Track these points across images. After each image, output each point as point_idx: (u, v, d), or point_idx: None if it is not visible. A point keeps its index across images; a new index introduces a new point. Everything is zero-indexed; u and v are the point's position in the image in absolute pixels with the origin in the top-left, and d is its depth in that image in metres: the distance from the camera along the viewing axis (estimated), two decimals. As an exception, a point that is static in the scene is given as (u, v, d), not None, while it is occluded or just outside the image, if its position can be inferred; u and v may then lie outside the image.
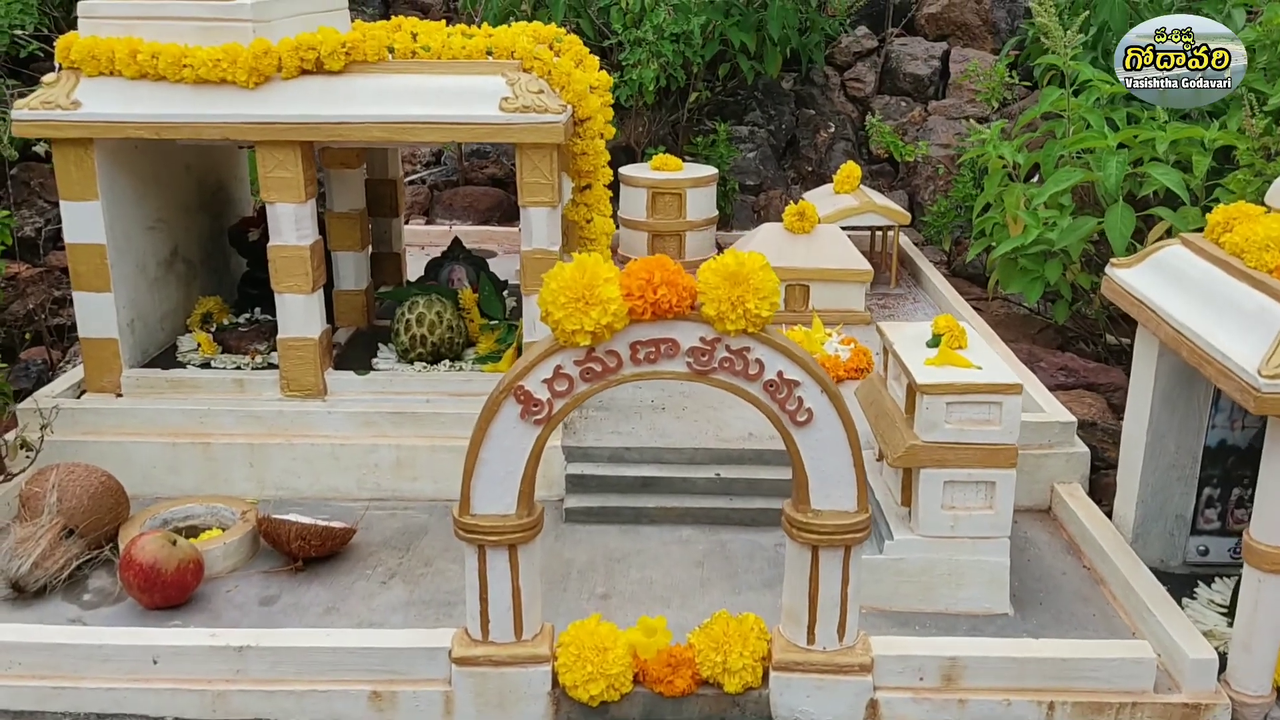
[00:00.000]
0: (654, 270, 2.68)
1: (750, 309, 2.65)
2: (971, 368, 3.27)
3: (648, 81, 6.50)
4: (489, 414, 2.76)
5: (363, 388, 4.04)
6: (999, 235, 5.28)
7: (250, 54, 3.66)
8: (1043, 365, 4.97)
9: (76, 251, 3.88)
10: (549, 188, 3.82)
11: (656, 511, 3.79)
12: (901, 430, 3.30)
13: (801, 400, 2.73)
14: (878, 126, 7.02)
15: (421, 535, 3.71)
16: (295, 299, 3.92)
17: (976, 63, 6.87)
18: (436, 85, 3.76)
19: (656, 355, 2.72)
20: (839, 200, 6.06)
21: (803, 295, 5.39)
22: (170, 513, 3.63)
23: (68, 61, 3.75)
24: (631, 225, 6.37)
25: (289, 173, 3.77)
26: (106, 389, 4.02)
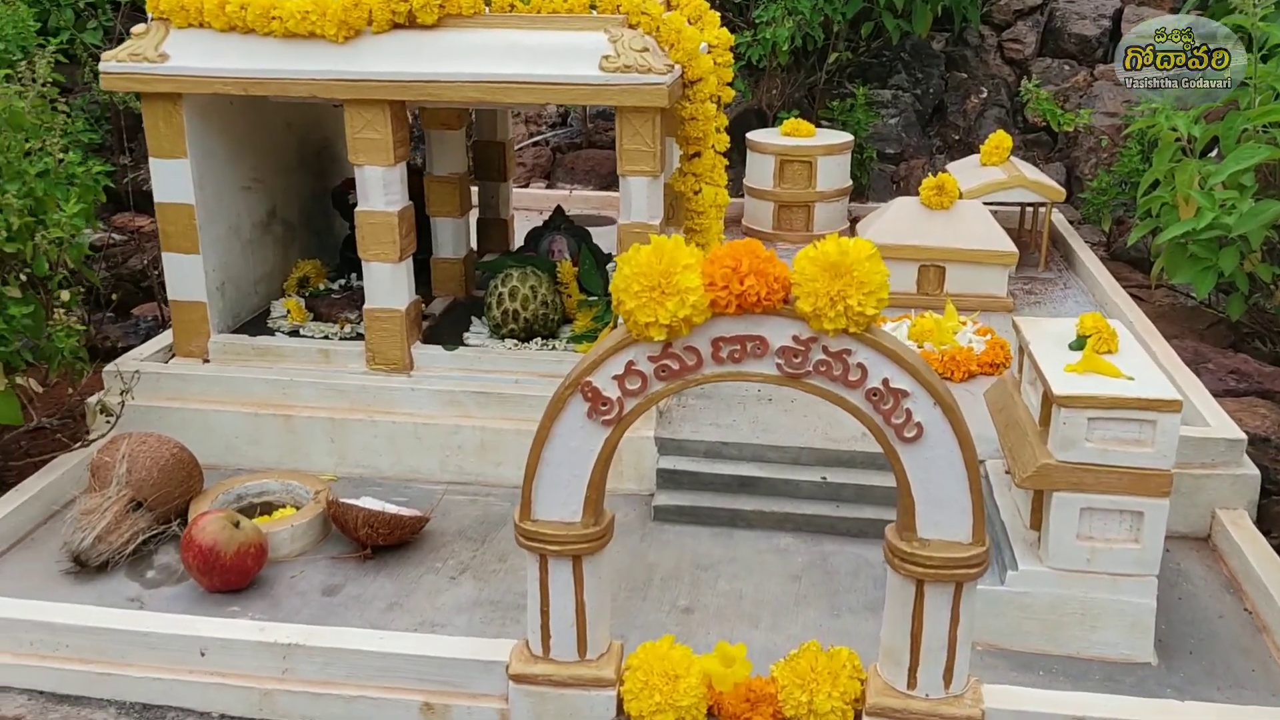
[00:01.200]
0: (741, 257, 2.33)
1: (853, 306, 2.28)
2: (1121, 378, 2.81)
3: (782, 41, 6.08)
4: (554, 411, 2.47)
5: (450, 364, 3.82)
6: (1167, 217, 4.70)
7: (340, 6, 3.44)
8: (1210, 367, 4.40)
9: (165, 211, 3.77)
10: (650, 155, 3.50)
11: (753, 515, 3.45)
12: (1034, 445, 2.87)
13: (910, 413, 2.35)
14: (1034, 92, 6.40)
15: (500, 526, 3.47)
16: (382, 268, 3.71)
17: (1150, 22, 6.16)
18: (533, 42, 3.47)
19: (742, 354, 2.38)
20: (985, 173, 5.54)
21: (937, 277, 4.93)
22: (245, 488, 3.49)
23: (158, 12, 3.61)
24: (757, 195, 5.99)
25: (378, 134, 3.55)
26: (194, 353, 3.91)
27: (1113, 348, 2.97)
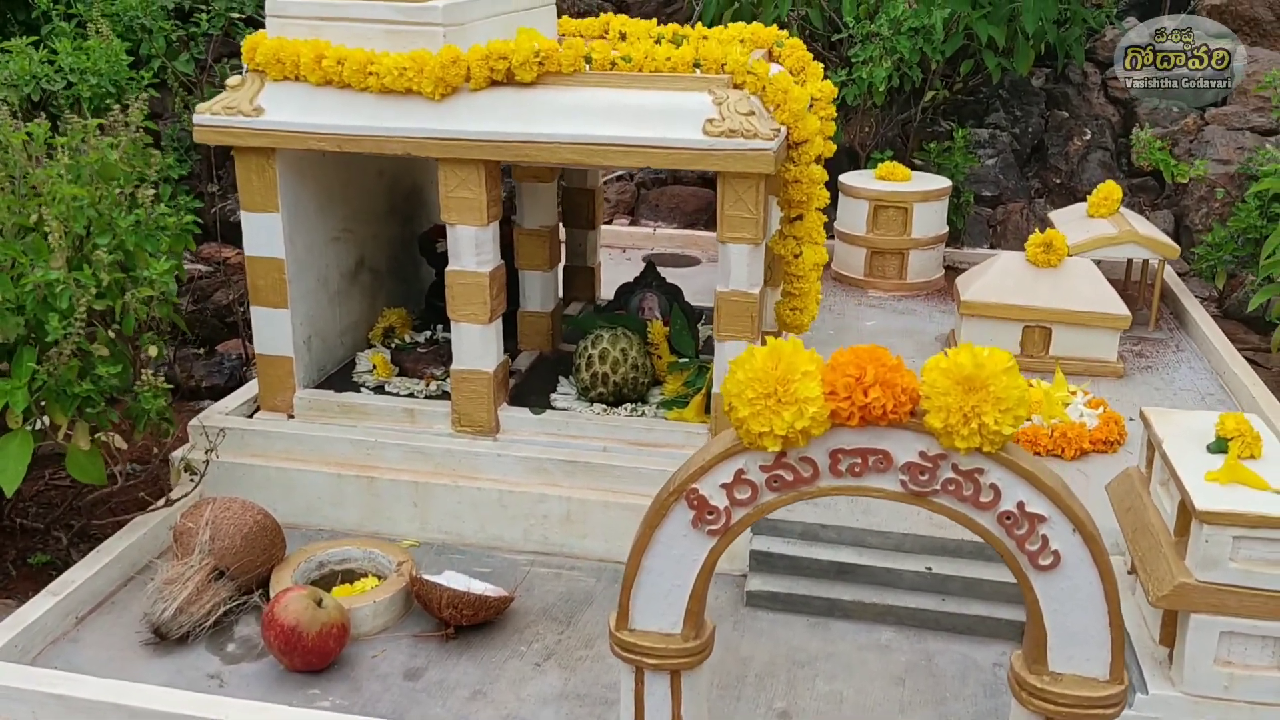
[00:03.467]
0: (866, 366, 2.17)
1: (988, 424, 2.10)
2: (1269, 490, 2.59)
3: (879, 81, 5.87)
4: (656, 516, 2.33)
5: (537, 428, 3.70)
6: (1293, 283, 4.43)
7: (438, 63, 3.34)
8: (1341, 449, 4.10)
9: (255, 265, 3.70)
10: (753, 223, 3.34)
11: (852, 606, 3.27)
12: (1169, 559, 2.65)
13: (1046, 540, 2.17)
14: (1146, 142, 6.11)
15: (586, 606, 3.33)
16: (471, 329, 3.60)
17: (1277, 72, 5.85)
18: (634, 102, 3.34)
19: (863, 468, 2.21)
20: (1093, 225, 5.27)
21: (1043, 339, 4.69)
22: (327, 555, 3.40)
23: (253, 64, 3.55)
24: (849, 240, 5.80)
25: (472, 193, 3.45)
26: (279, 408, 3.84)
27: (1256, 453, 2.74)
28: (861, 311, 5.47)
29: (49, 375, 3.14)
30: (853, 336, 5.09)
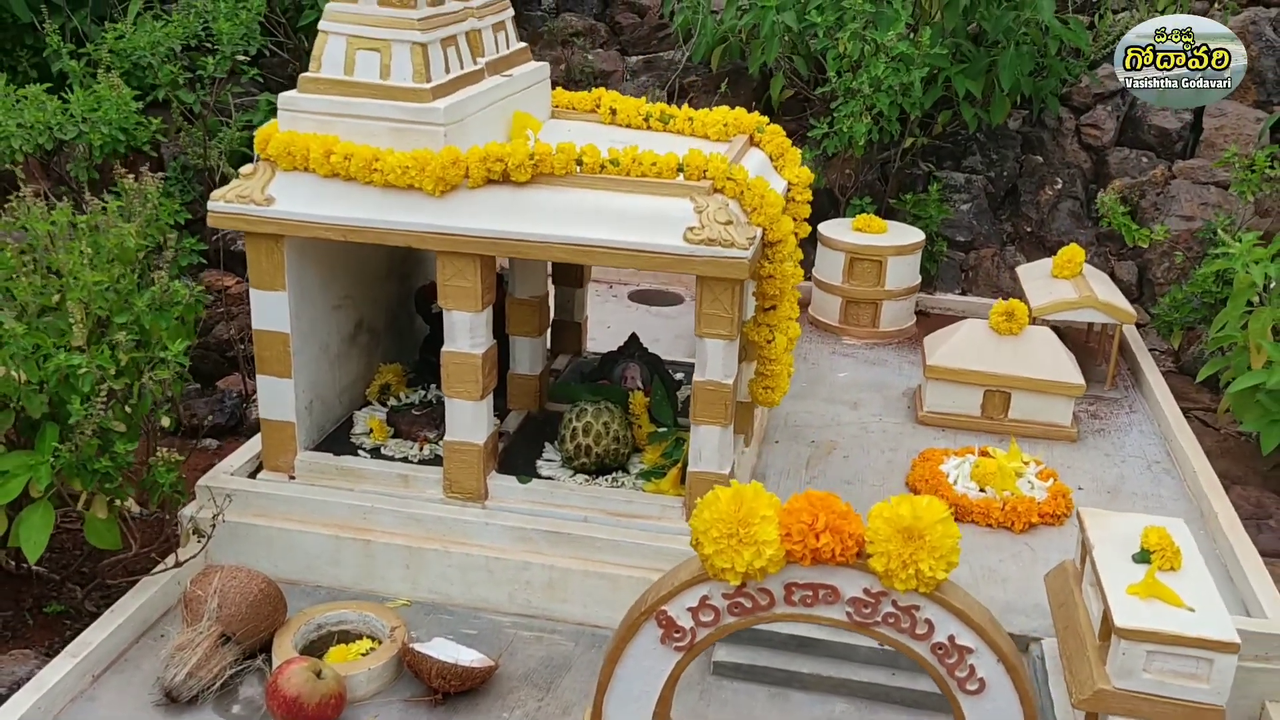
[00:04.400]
0: (819, 513, 2.44)
1: (924, 570, 2.38)
2: (1183, 608, 2.88)
3: (858, 135, 6.11)
4: (629, 632, 2.60)
5: (523, 496, 3.96)
6: (1238, 359, 4.72)
7: (439, 163, 3.57)
8: (1271, 524, 4.43)
9: (262, 337, 3.93)
10: (729, 321, 3.59)
11: (809, 678, 3.56)
12: (1092, 663, 2.94)
13: (974, 668, 2.45)
14: (1110, 205, 6.38)
15: (564, 671, 3.61)
16: (464, 404, 3.86)
17: (1234, 150, 6.11)
18: (621, 205, 3.58)
19: (813, 601, 2.49)
20: (1057, 287, 5.56)
21: (1002, 403, 4.97)
22: (324, 618, 3.67)
23: (265, 154, 3.77)
24: (825, 288, 6.07)
25: (468, 282, 3.69)
26: (281, 469, 4.09)
27: (1176, 565, 3.03)
28: (835, 361, 5.74)
29: (71, 452, 3.38)
30: (825, 389, 5.37)
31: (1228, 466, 4.92)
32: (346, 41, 3.69)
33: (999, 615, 3.60)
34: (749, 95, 7.42)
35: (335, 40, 3.71)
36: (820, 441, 4.84)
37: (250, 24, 5.93)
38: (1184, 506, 4.39)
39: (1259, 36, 7.24)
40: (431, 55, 3.70)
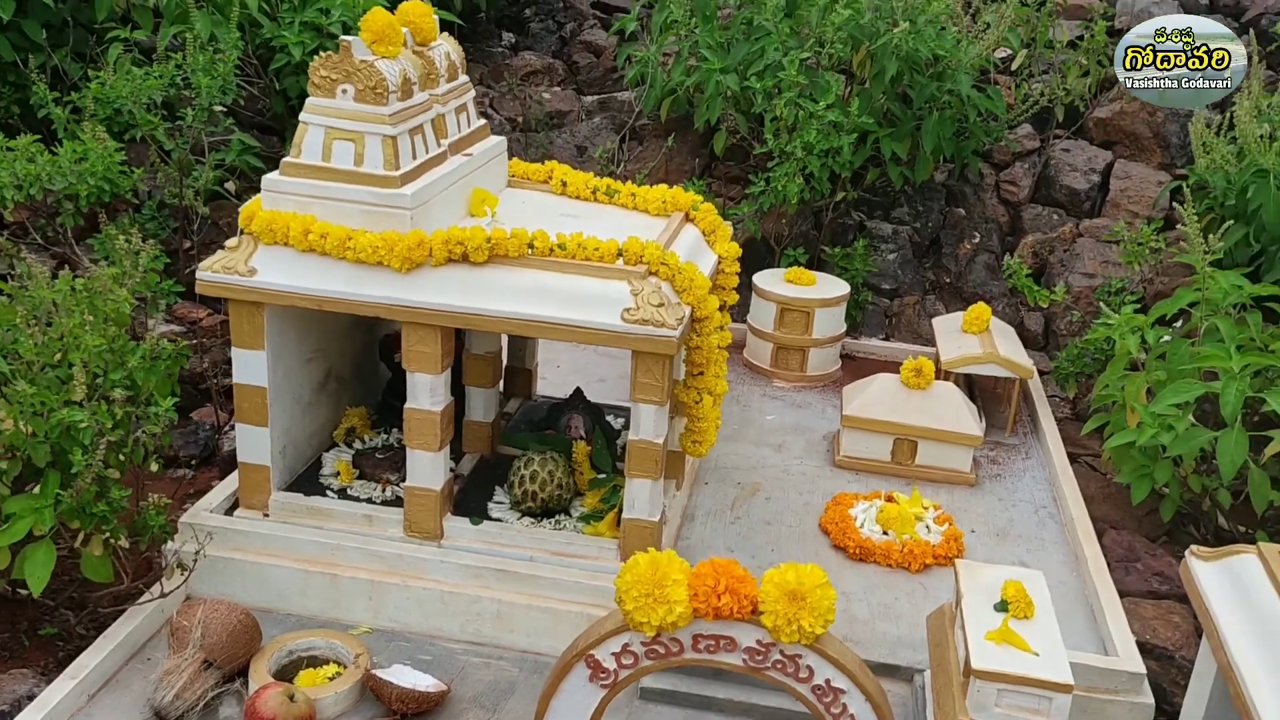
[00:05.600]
0: (720, 578, 2.95)
1: (805, 626, 2.90)
2: (1030, 652, 3.42)
3: (792, 195, 6.64)
4: (562, 671, 3.10)
5: (475, 536, 4.44)
6: (1117, 416, 5.29)
7: (406, 244, 4.04)
8: (1139, 567, 5.01)
9: (242, 391, 4.37)
10: (660, 389, 4.10)
11: (724, 703, 4.07)
12: (956, 698, 3.48)
13: (845, 706, 2.98)
14: (1015, 268, 6.98)
15: (510, 695, 4.10)
16: (424, 454, 4.32)
17: (1121, 226, 6.73)
18: (566, 286, 4.07)
19: (715, 648, 3.00)
20: (965, 342, 6.12)
21: (910, 450, 5.52)
22: (295, 645, 4.12)
23: (249, 229, 4.21)
24: (758, 335, 6.59)
25: (429, 349, 4.16)
26: (256, 507, 4.53)
27: (1029, 615, 3.57)
28: (764, 404, 6.27)
29: (72, 497, 3.80)
30: (753, 431, 5.90)
31: (1108, 511, 5.50)
32: (324, 132, 4.14)
33: (890, 649, 4.17)
34: (696, 143, 7.93)
35: (314, 130, 4.15)
36: (745, 483, 5.36)
37: (227, 76, 6.34)
38: (1062, 550, 4.97)
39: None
40: (400, 145, 4.16)
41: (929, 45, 6.72)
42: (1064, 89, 7.55)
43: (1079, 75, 7.56)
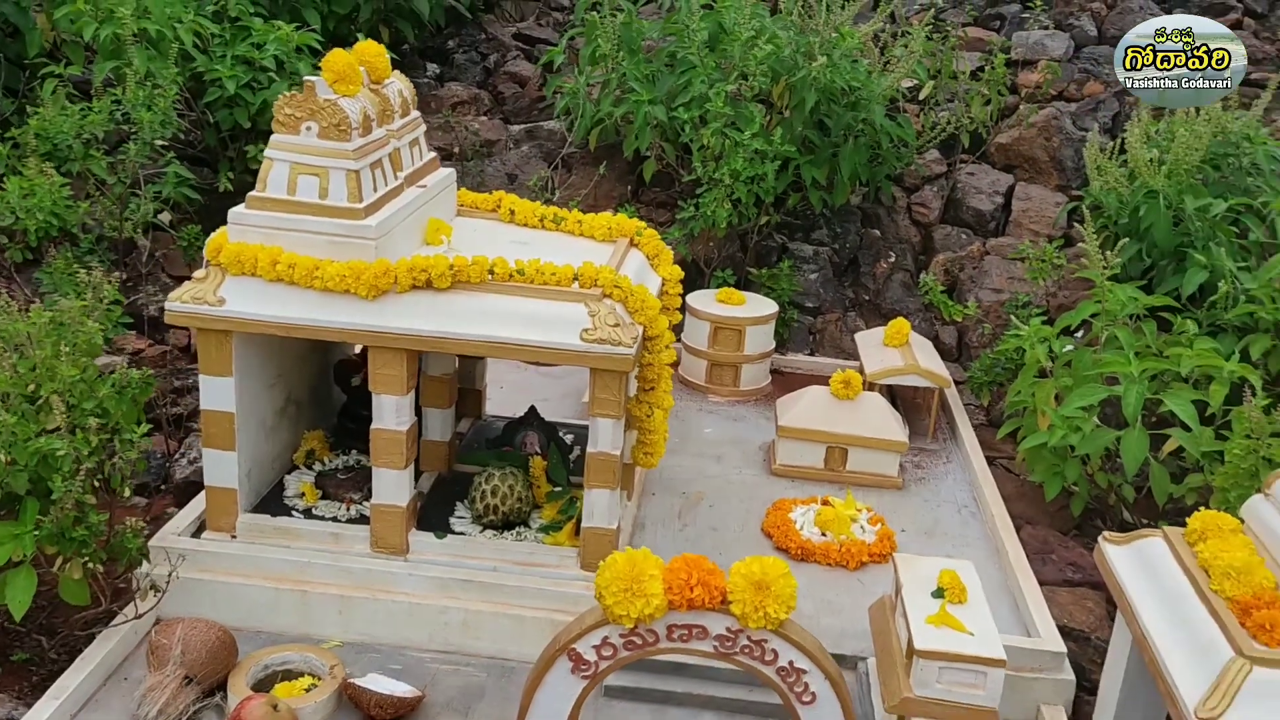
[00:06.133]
0: (693, 571, 3.22)
1: (770, 613, 3.19)
2: (965, 633, 3.76)
3: (720, 219, 6.99)
4: (545, 665, 3.33)
5: (440, 550, 4.64)
6: (1029, 421, 5.73)
7: (372, 273, 4.25)
8: (1054, 558, 5.42)
9: (210, 416, 4.51)
10: (616, 404, 4.37)
11: (684, 696, 4.34)
12: (900, 678, 3.81)
13: (808, 684, 3.27)
14: (930, 284, 7.44)
15: (479, 698, 4.30)
16: (390, 472, 4.52)
17: (1026, 244, 7.25)
18: (527, 309, 4.32)
19: (688, 637, 3.27)
20: (886, 355, 6.52)
21: (841, 457, 5.88)
22: (271, 659, 4.27)
23: (216, 261, 4.37)
24: (693, 352, 6.90)
25: (395, 371, 4.36)
26: (224, 529, 4.66)
27: (964, 600, 3.92)
28: (702, 418, 6.58)
29: (51, 523, 3.91)
30: (694, 445, 6.19)
31: (1023, 509, 5.93)
32: (290, 167, 4.33)
33: (835, 640, 4.48)
34: (624, 170, 8.25)
35: (279, 165, 4.34)
36: (690, 493, 5.64)
37: (167, 110, 6.46)
38: (984, 545, 5.36)
39: (1060, 129, 8.44)
40: (363, 179, 4.37)
41: (844, 77, 7.15)
42: (968, 117, 8.07)
43: (981, 104, 8.08)
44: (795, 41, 7.23)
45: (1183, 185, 6.02)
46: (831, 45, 7.18)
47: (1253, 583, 3.38)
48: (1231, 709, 3.11)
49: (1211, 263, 5.81)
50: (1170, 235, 6.00)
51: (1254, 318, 5.52)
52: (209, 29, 7.11)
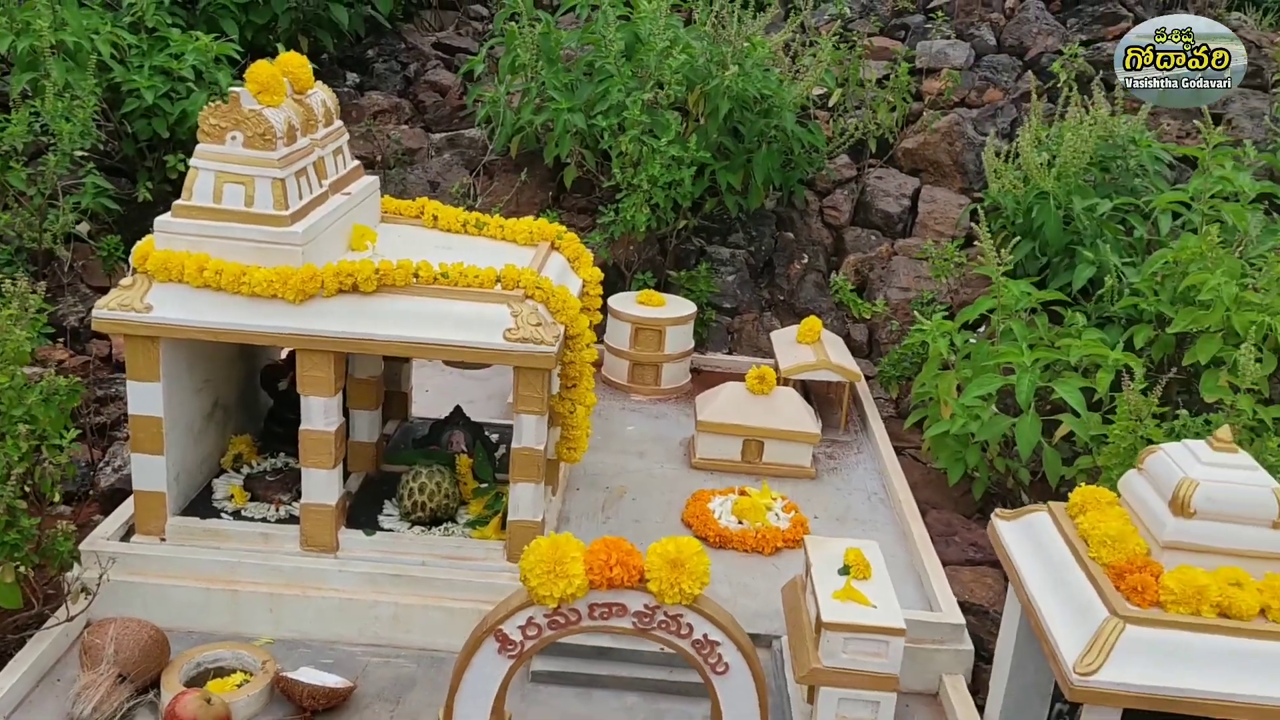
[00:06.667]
0: (612, 552, 3.42)
1: (685, 589, 3.40)
2: (869, 605, 4.02)
3: (639, 224, 7.21)
4: (473, 646, 3.50)
5: (369, 546, 4.77)
6: (933, 411, 6.04)
7: (299, 277, 4.37)
8: (956, 539, 5.73)
9: (138, 421, 4.59)
10: (539, 400, 4.55)
11: (608, 679, 4.53)
12: (809, 650, 4.05)
13: (721, 655, 3.49)
14: (840, 284, 7.75)
15: (410, 688, 4.45)
16: (319, 472, 4.64)
17: (930, 244, 7.62)
18: (452, 310, 4.48)
19: (609, 615, 3.46)
20: (799, 352, 6.80)
21: (757, 449, 6.13)
22: (203, 657, 4.36)
23: (143, 268, 4.46)
24: (616, 353, 7.11)
25: (322, 373, 4.49)
26: (153, 532, 4.74)
27: (868, 575, 4.18)
28: (625, 416, 6.78)
29: (-18, 529, 3.98)
30: (617, 442, 6.39)
31: (929, 494, 6.24)
32: (215, 176, 4.44)
33: (750, 620, 4.71)
34: (545, 176, 8.43)
35: (205, 174, 4.45)
36: (613, 487, 5.84)
37: (86, 121, 6.48)
38: (893, 528, 5.64)
39: (962, 134, 8.83)
40: (288, 186, 4.49)
41: (756, 86, 7.43)
42: (874, 123, 8.41)
43: (887, 110, 8.43)
44: (709, 51, 7.49)
45: (1071, 187, 6.40)
46: (743, 55, 7.45)
47: (1126, 549, 3.69)
48: (1106, 665, 3.40)
49: (1099, 259, 6.19)
50: (1060, 234, 6.37)
51: (1138, 309, 5.90)
52: (126, 40, 7.13)
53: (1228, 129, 8.75)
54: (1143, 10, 10.23)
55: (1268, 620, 3.50)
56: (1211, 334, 5.30)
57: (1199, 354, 5.31)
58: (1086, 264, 6.20)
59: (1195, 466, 3.65)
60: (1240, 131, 8.64)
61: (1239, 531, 3.60)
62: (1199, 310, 5.35)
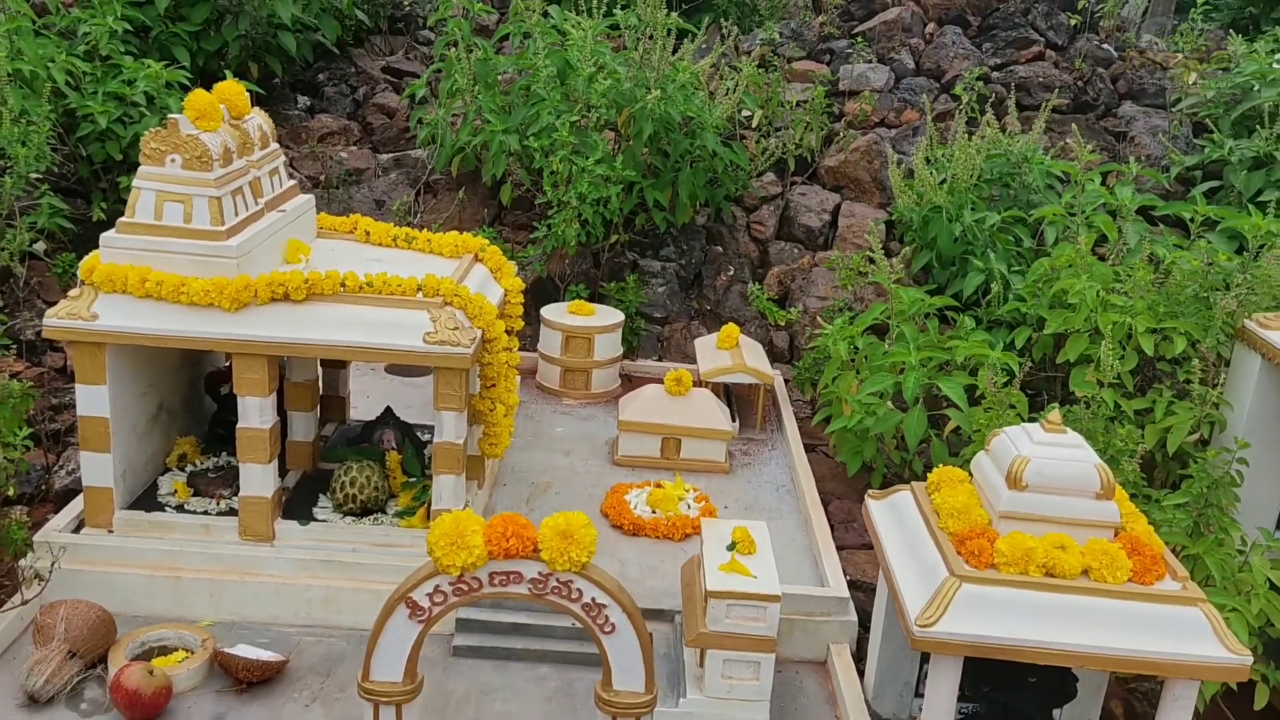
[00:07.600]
0: (508, 526, 3.85)
1: (574, 557, 3.83)
2: (750, 576, 4.47)
3: (570, 238, 7.67)
4: (387, 613, 3.92)
5: (304, 536, 5.17)
6: (836, 409, 6.51)
7: (234, 288, 4.78)
8: (855, 525, 6.20)
9: (86, 422, 4.97)
10: (458, 398, 4.98)
11: (523, 652, 4.95)
12: (699, 617, 4.49)
13: (608, 617, 3.92)
14: (758, 294, 8.23)
15: (340, 662, 4.84)
16: (256, 467, 5.04)
17: (836, 256, 8.14)
18: (376, 317, 4.90)
19: (507, 582, 3.89)
20: (718, 357, 7.26)
21: (675, 446, 6.58)
22: (147, 637, 4.74)
23: (90, 280, 4.85)
24: (548, 360, 7.54)
25: (257, 375, 4.90)
26: (101, 525, 5.12)
27: (752, 551, 4.63)
28: (555, 419, 7.21)
29: (-60, 518, 4.35)
30: (545, 442, 6.82)
31: (835, 486, 6.71)
32: (156, 195, 4.85)
33: (656, 598, 5.14)
34: (485, 195, 8.87)
35: (147, 194, 4.85)
36: (538, 482, 6.27)
37: (41, 146, 6.86)
38: (795, 517, 6.10)
39: (880, 153, 9.36)
40: (225, 205, 4.91)
41: (679, 108, 7.91)
42: (795, 143, 8.92)
43: (805, 130, 8.94)
44: (635, 76, 7.97)
45: (962, 201, 6.91)
46: (667, 79, 7.94)
47: (970, 519, 4.16)
48: (944, 618, 3.86)
49: (988, 267, 6.71)
50: (952, 244, 6.88)
51: (1020, 313, 6.42)
52: (81, 68, 7.52)
53: (1129, 145, 9.36)
54: (1054, 35, 10.85)
55: (1089, 579, 3.98)
56: (1079, 334, 5.81)
57: (1069, 352, 5.82)
58: (977, 272, 6.71)
59: (1028, 445, 4.14)
60: (1141, 148, 9.25)
61: (1066, 502, 4.09)
62: (1068, 312, 5.86)
